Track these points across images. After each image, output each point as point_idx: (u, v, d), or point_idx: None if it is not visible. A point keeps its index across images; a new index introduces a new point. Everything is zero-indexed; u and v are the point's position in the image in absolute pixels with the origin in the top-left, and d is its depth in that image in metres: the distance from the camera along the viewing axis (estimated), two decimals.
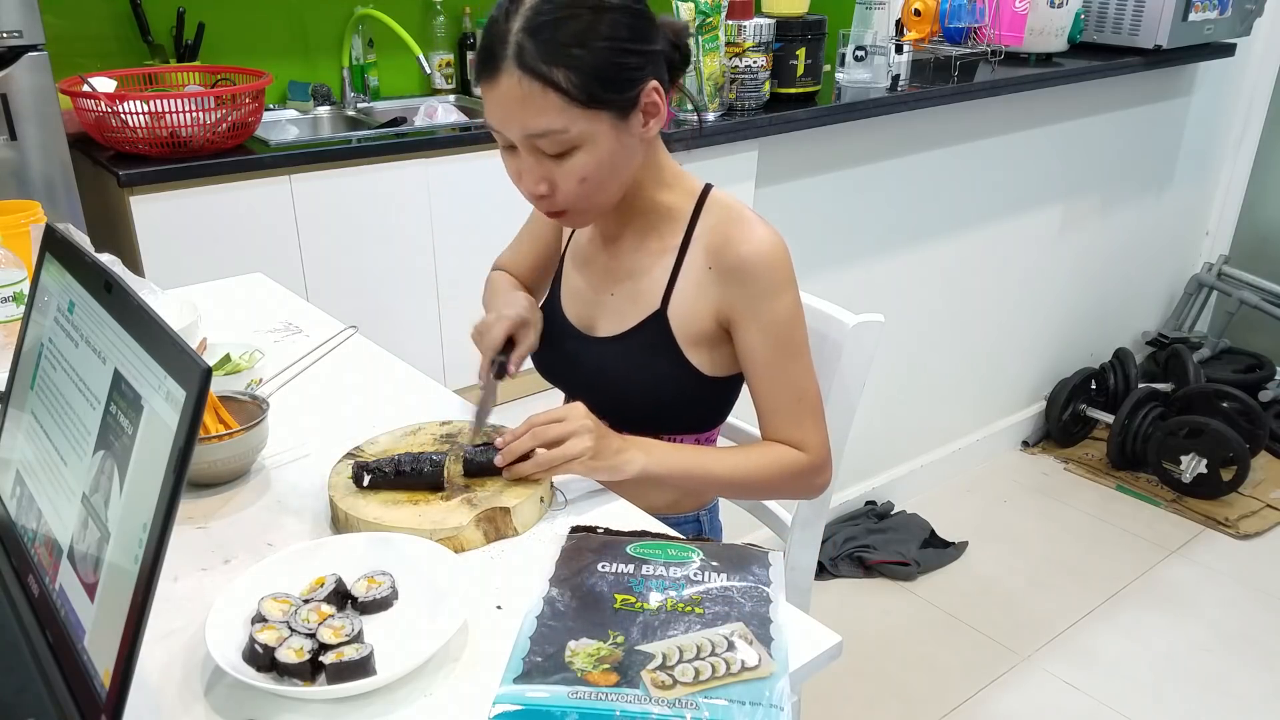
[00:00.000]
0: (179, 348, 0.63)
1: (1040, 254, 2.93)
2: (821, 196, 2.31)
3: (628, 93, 1.01)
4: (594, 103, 0.99)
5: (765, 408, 1.13)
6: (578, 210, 1.08)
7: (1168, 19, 2.62)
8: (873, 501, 2.77)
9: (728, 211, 1.12)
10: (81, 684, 0.67)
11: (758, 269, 1.08)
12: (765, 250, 1.08)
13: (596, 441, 1.00)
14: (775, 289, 1.08)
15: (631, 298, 1.16)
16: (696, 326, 1.13)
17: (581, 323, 1.21)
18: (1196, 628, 2.37)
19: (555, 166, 1.02)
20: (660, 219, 1.14)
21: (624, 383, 1.17)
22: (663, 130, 1.10)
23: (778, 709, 0.71)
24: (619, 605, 0.82)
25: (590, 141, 1.01)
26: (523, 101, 0.98)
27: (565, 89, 0.97)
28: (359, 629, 0.78)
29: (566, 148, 1.01)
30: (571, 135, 1.00)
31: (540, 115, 0.98)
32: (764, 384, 1.12)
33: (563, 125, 0.99)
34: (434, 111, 2.32)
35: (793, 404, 1.12)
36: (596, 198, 1.07)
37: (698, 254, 1.12)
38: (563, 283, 1.25)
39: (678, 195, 1.15)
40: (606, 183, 1.05)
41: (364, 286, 1.96)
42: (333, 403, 1.23)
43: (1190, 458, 2.85)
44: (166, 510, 0.61)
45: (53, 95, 1.74)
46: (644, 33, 1.02)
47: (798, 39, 2.10)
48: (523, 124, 0.99)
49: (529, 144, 1.01)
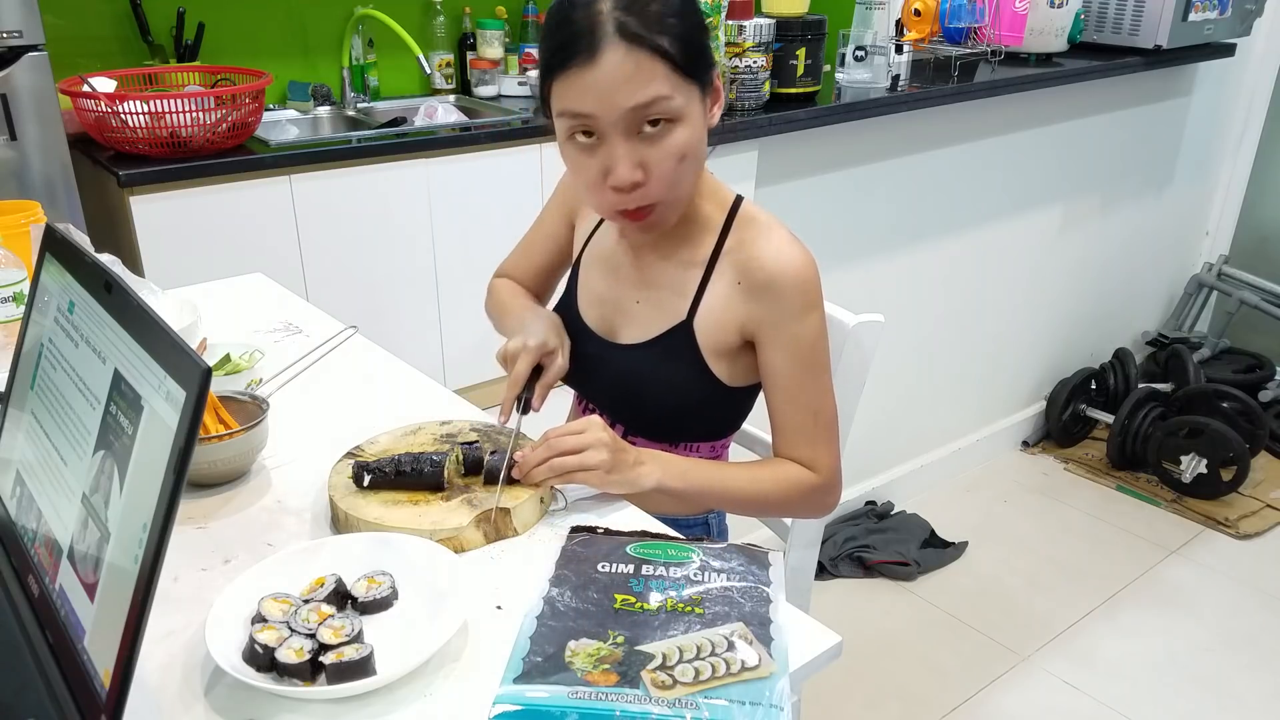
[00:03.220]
0: (179, 348, 0.63)
1: (1040, 254, 2.93)
2: (821, 196, 2.31)
3: (710, 70, 1.03)
4: (693, 73, 1.00)
5: (781, 424, 1.13)
6: (665, 203, 1.06)
7: (1168, 19, 2.63)
8: (873, 501, 2.77)
9: (759, 226, 1.12)
10: (81, 684, 0.67)
11: (787, 289, 1.08)
12: (795, 270, 1.08)
13: (613, 455, 0.99)
14: (803, 309, 1.08)
15: (658, 306, 1.16)
16: (721, 339, 1.12)
17: (602, 328, 1.20)
18: (1196, 628, 2.37)
19: (651, 149, 1.01)
20: (692, 229, 1.14)
21: (644, 389, 1.16)
22: None
23: (778, 709, 0.71)
24: (619, 605, 0.82)
25: (689, 116, 1.01)
26: (632, 74, 0.97)
27: (673, 54, 0.98)
28: (359, 629, 0.78)
29: (671, 117, 1.00)
30: (677, 104, 0.99)
31: (650, 83, 0.97)
32: (782, 401, 1.12)
33: (670, 92, 0.98)
34: (434, 111, 2.32)
35: (809, 423, 1.12)
36: (684, 186, 1.06)
37: (726, 268, 1.12)
38: (580, 286, 1.24)
39: (711, 205, 1.14)
40: (696, 168, 1.06)
41: (364, 286, 1.96)
42: (333, 403, 1.23)
43: (1190, 458, 2.85)
44: (166, 510, 0.61)
45: (53, 95, 1.74)
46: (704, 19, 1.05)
47: (798, 39, 2.11)
48: (631, 96, 0.97)
49: (630, 122, 0.99)
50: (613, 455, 0.99)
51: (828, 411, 1.13)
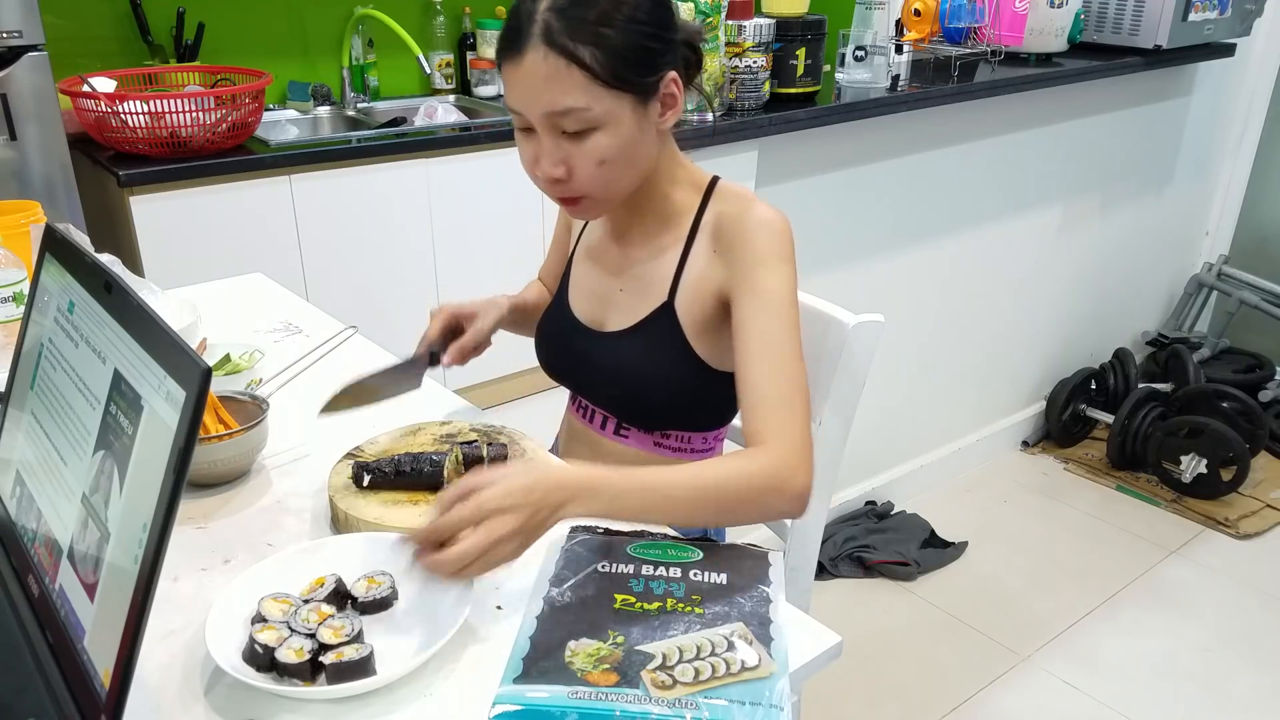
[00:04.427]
0: (179, 348, 0.63)
1: (1040, 254, 2.93)
2: (821, 196, 2.31)
3: (649, 77, 1.02)
4: (618, 83, 0.99)
5: (749, 386, 1.03)
6: (593, 198, 1.07)
7: (1168, 19, 2.62)
8: (873, 501, 2.77)
9: (734, 198, 1.13)
10: (81, 684, 0.67)
11: (757, 237, 1.07)
12: (766, 222, 1.07)
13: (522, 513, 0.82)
14: (772, 258, 1.06)
15: (640, 291, 1.16)
16: (700, 311, 1.12)
17: (591, 319, 1.21)
18: (1196, 628, 2.37)
19: (574, 148, 1.02)
20: (670, 214, 1.15)
21: (630, 378, 1.16)
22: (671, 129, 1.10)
23: (778, 709, 0.71)
24: (619, 605, 0.82)
25: (611, 123, 1.01)
26: (548, 79, 0.98)
27: (590, 66, 0.97)
28: (359, 629, 0.78)
29: (587, 126, 1.00)
30: (594, 114, 0.99)
31: (565, 93, 0.98)
32: (752, 360, 1.03)
33: (585, 103, 0.99)
34: (434, 111, 2.32)
35: (778, 386, 1.02)
36: (613, 186, 1.06)
37: (703, 240, 1.12)
38: (571, 281, 1.25)
39: (687, 190, 1.15)
40: (623, 170, 1.05)
41: (364, 286, 1.96)
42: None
43: (1190, 458, 2.85)
44: (166, 510, 0.61)
45: (53, 95, 1.74)
46: (667, 21, 1.03)
47: (798, 39, 2.11)
48: (547, 101, 0.99)
49: (550, 123, 1.01)
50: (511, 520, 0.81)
51: (798, 379, 1.03)
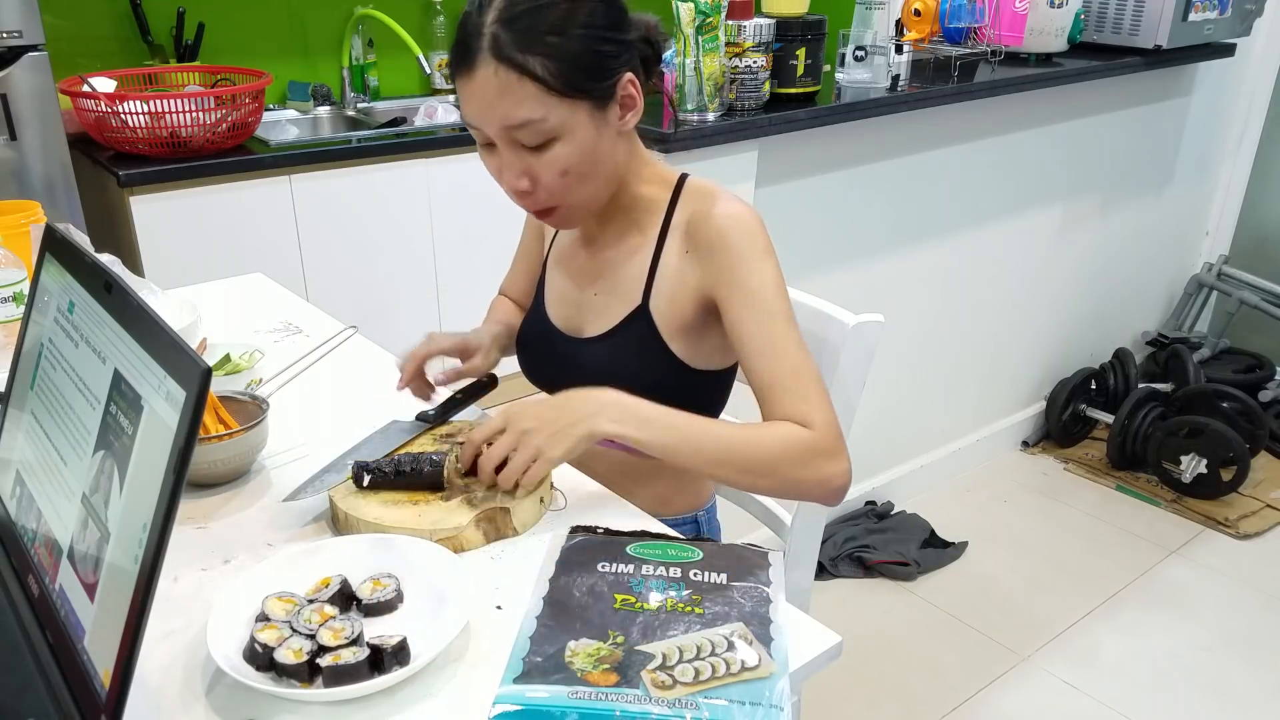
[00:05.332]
0: (179, 348, 0.63)
1: (1040, 254, 2.93)
2: (821, 196, 2.31)
3: (605, 82, 1.01)
4: (572, 91, 0.98)
5: (761, 385, 1.05)
6: (565, 206, 1.07)
7: (1168, 19, 2.62)
8: (873, 501, 2.77)
9: (702, 194, 1.12)
10: (81, 684, 0.67)
11: (732, 238, 1.06)
12: (740, 221, 1.07)
13: (546, 427, 0.96)
14: (758, 256, 1.06)
15: (614, 295, 1.16)
16: (678, 314, 1.11)
17: (568, 326, 1.21)
18: (1196, 628, 2.37)
19: (535, 160, 1.01)
20: (639, 213, 1.14)
21: (610, 381, 1.15)
22: (660, 131, 1.10)
23: (778, 709, 0.71)
24: (619, 605, 0.82)
25: (569, 132, 1.00)
26: (500, 93, 0.97)
27: (542, 77, 0.96)
28: (359, 632, 0.78)
29: (545, 138, 1.00)
30: (550, 125, 0.99)
31: (518, 106, 0.97)
32: (757, 358, 1.05)
33: (541, 115, 0.98)
34: (434, 111, 2.32)
35: (791, 378, 1.04)
36: (581, 193, 1.06)
37: (675, 241, 1.12)
38: (546, 288, 1.24)
39: (655, 187, 1.14)
40: (588, 176, 1.05)
41: (364, 286, 1.96)
42: (333, 403, 1.23)
43: (1190, 458, 2.84)
44: (166, 510, 0.61)
45: (53, 95, 1.74)
46: (619, 22, 1.03)
47: (798, 39, 2.10)
48: (501, 115, 0.98)
49: (508, 137, 1.00)
50: (545, 428, 0.96)
51: (808, 365, 1.05)
